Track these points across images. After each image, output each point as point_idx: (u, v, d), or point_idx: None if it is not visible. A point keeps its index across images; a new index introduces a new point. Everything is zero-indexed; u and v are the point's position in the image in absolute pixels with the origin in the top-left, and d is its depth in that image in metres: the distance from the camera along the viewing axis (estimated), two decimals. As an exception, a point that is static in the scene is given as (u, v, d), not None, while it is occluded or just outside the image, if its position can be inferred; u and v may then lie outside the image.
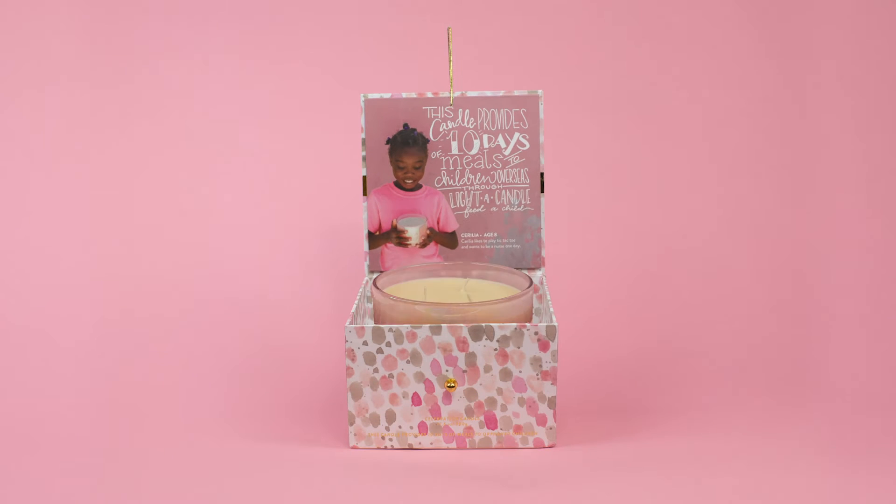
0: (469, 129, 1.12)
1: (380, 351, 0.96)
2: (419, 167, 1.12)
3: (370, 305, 1.11)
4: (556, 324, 0.95)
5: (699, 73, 1.39)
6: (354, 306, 1.03)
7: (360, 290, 1.08)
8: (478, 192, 1.12)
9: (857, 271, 1.30)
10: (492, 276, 1.09)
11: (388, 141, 1.12)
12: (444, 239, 1.13)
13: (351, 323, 0.99)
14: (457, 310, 0.97)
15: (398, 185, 1.12)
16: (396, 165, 1.12)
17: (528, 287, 1.02)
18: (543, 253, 1.13)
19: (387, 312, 0.99)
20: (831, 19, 1.37)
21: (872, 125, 1.36)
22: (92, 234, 1.34)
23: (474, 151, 1.12)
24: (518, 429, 0.97)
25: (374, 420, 0.97)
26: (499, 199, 1.12)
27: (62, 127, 1.37)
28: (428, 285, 1.08)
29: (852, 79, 1.37)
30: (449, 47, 1.11)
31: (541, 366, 0.95)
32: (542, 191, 1.12)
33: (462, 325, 0.95)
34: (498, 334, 0.95)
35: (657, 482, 0.89)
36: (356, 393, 0.97)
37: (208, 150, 1.38)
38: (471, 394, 0.96)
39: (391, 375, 0.96)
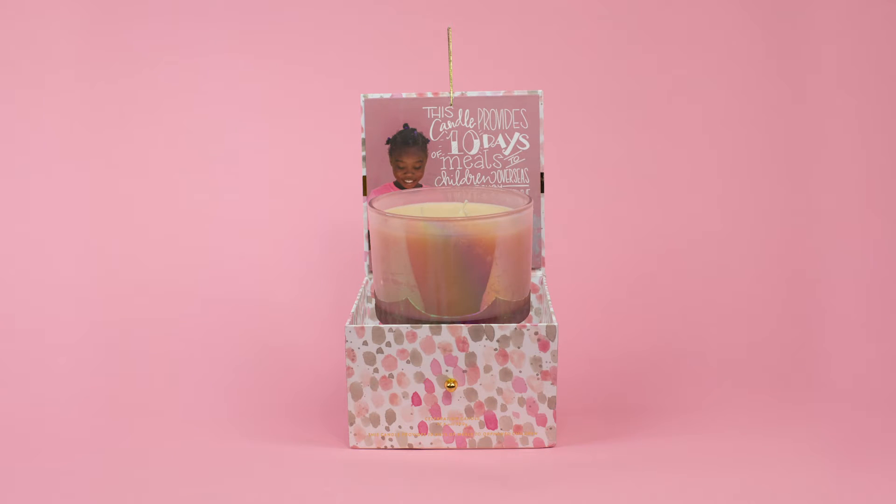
0: (469, 129, 1.12)
1: (380, 351, 0.96)
2: (419, 167, 1.12)
3: (370, 305, 1.12)
4: (556, 324, 0.95)
5: (699, 74, 1.39)
6: (354, 306, 1.03)
7: (360, 290, 1.08)
8: (478, 192, 1.12)
9: (857, 271, 1.30)
10: (490, 199, 1.07)
11: (388, 141, 1.12)
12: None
13: (351, 323, 0.99)
14: (454, 225, 0.96)
15: (398, 185, 1.12)
16: (396, 165, 1.12)
17: (528, 203, 1.01)
18: (543, 253, 1.13)
19: (383, 231, 0.98)
20: (831, 19, 1.37)
21: (873, 125, 1.36)
22: (92, 234, 1.34)
23: (474, 151, 1.12)
24: (518, 429, 0.97)
25: (374, 420, 0.97)
26: (499, 199, 1.12)
27: (62, 127, 1.37)
28: (426, 208, 1.07)
29: (852, 79, 1.37)
30: (449, 47, 1.12)
31: (541, 366, 0.95)
32: (542, 191, 1.12)
33: (462, 325, 0.95)
34: (498, 334, 0.95)
35: (657, 482, 0.89)
36: (356, 393, 0.97)
37: (208, 150, 1.38)
38: (471, 394, 0.96)
39: (391, 375, 0.96)
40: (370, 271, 1.13)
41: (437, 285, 0.97)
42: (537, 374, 0.96)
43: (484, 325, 0.95)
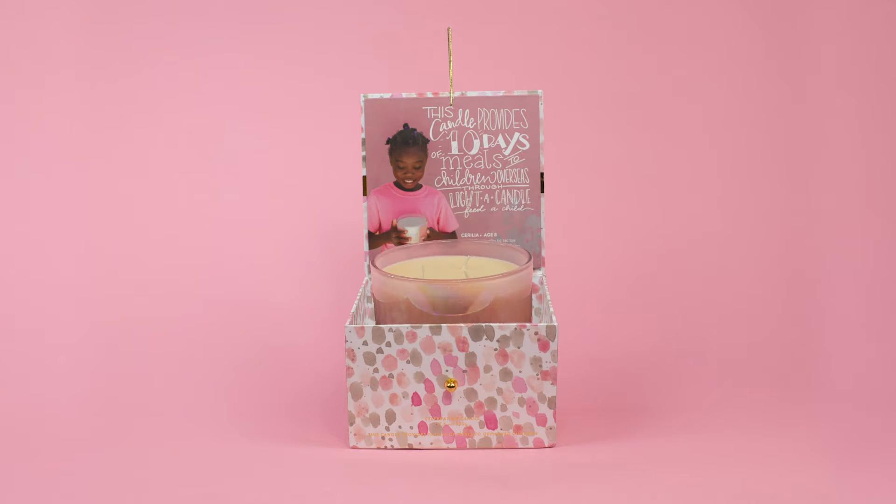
0: (469, 129, 1.12)
1: (380, 351, 0.96)
2: (419, 167, 1.12)
3: (370, 305, 1.11)
4: (556, 324, 0.95)
5: (699, 74, 1.39)
6: (354, 306, 1.03)
7: (360, 290, 1.08)
8: (478, 192, 1.13)
9: (857, 271, 1.30)
10: (491, 253, 1.09)
11: (388, 141, 1.12)
12: (444, 239, 1.13)
13: (351, 323, 0.99)
14: (454, 287, 0.97)
15: (398, 185, 1.12)
16: (396, 165, 1.12)
17: (528, 262, 1.01)
18: (543, 253, 1.13)
19: (384, 290, 0.99)
20: (831, 19, 1.36)
21: (873, 125, 1.36)
22: (92, 234, 1.34)
23: (474, 151, 1.12)
24: (518, 429, 0.97)
25: (374, 420, 0.97)
26: (499, 199, 1.12)
27: (62, 127, 1.37)
28: (426, 264, 1.07)
29: (852, 79, 1.37)
30: (449, 47, 1.12)
31: (541, 366, 0.95)
32: (542, 191, 1.12)
33: (462, 325, 0.95)
34: (498, 334, 0.95)
35: (657, 482, 0.89)
36: (356, 393, 0.97)
37: (208, 150, 1.38)
38: (471, 394, 0.96)
39: (391, 375, 0.96)
40: (370, 271, 1.13)
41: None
42: (537, 374, 0.96)
43: (484, 324, 0.95)
